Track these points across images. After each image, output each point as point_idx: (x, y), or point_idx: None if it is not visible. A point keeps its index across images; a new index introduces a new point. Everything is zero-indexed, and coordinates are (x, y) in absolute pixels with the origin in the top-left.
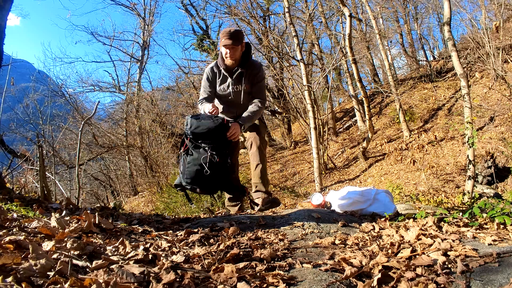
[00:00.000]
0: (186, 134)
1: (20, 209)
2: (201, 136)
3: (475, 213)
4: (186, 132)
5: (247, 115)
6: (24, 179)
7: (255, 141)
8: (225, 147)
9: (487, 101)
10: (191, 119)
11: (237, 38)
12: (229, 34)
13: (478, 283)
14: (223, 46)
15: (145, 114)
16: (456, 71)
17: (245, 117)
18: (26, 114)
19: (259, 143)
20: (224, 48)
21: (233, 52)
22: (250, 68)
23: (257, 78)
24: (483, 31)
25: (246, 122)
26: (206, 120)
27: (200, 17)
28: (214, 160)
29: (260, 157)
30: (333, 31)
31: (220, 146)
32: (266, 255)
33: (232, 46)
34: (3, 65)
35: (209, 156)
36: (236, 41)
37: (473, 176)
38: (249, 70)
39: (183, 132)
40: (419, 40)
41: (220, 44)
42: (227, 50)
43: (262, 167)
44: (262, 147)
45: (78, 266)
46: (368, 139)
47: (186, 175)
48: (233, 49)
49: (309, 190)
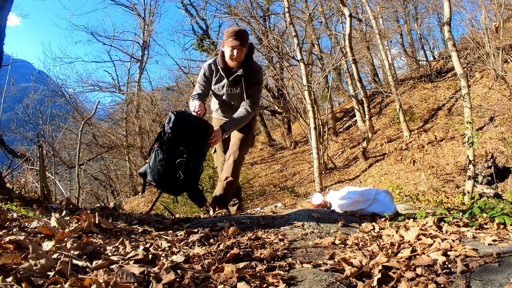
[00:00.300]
0: (165, 130)
1: (20, 209)
2: (181, 136)
3: (475, 213)
4: (166, 129)
5: (232, 121)
6: (24, 179)
7: (234, 154)
8: (202, 153)
9: (487, 101)
10: (174, 116)
11: (244, 38)
12: (236, 34)
13: (478, 283)
14: (229, 47)
15: (145, 114)
16: (456, 71)
17: (229, 123)
18: (26, 114)
19: (237, 157)
20: (231, 49)
21: (240, 53)
22: (249, 70)
23: (254, 80)
24: (483, 31)
25: (229, 128)
26: (190, 119)
27: (200, 17)
28: (188, 165)
29: (232, 171)
30: (333, 31)
31: (197, 150)
32: (266, 255)
33: (240, 47)
34: (3, 65)
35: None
36: (244, 41)
37: (473, 176)
38: (248, 72)
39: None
40: (419, 40)
41: (225, 44)
42: (233, 51)
43: (231, 181)
44: (238, 162)
45: (78, 266)
46: (368, 139)
47: (155, 173)
48: (240, 50)
49: (309, 190)
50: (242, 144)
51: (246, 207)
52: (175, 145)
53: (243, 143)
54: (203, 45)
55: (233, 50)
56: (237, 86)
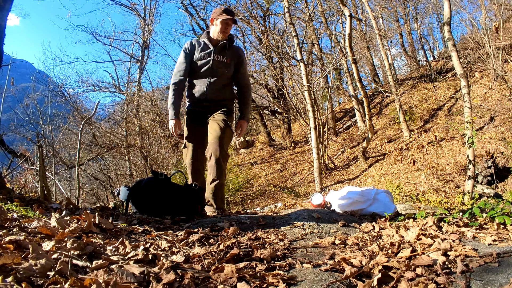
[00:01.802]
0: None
1: (20, 209)
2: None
3: (475, 213)
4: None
5: (246, 108)
6: (24, 179)
7: (215, 153)
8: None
9: (487, 101)
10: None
11: (233, 15)
12: (227, 10)
13: (478, 283)
14: (222, 22)
15: (145, 114)
16: (456, 71)
17: (246, 111)
18: (26, 114)
19: (218, 155)
20: (223, 23)
21: (229, 28)
22: (232, 46)
23: (242, 61)
24: (483, 31)
25: (247, 114)
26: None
27: (200, 17)
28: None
29: (217, 172)
30: (333, 31)
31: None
32: (266, 255)
33: (231, 22)
34: (3, 65)
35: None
36: (234, 17)
37: (473, 176)
38: (232, 47)
39: (182, 132)
40: (419, 40)
41: (217, 19)
42: (225, 25)
43: (218, 183)
44: (221, 160)
45: (78, 266)
46: (368, 139)
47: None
48: (230, 25)
49: (309, 190)
50: (221, 141)
51: (246, 207)
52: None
53: (223, 140)
54: None
55: (226, 24)
56: (222, 54)
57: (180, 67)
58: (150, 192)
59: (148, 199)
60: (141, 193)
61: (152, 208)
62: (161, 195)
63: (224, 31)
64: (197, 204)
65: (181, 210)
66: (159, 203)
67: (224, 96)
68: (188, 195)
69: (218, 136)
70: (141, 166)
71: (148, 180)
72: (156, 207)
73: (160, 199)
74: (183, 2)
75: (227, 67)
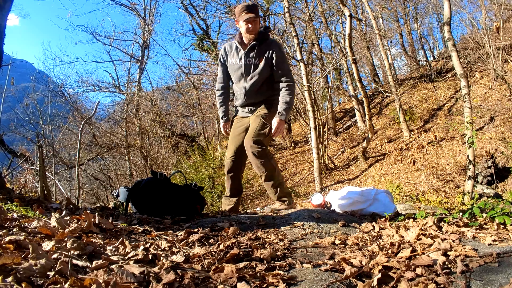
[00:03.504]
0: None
1: (20, 209)
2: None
3: (475, 213)
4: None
5: (281, 106)
6: (24, 179)
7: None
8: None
9: (487, 101)
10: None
11: (257, 10)
12: (248, 7)
13: (478, 283)
14: (244, 21)
15: (145, 114)
16: (456, 71)
17: (281, 109)
18: (26, 114)
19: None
20: (246, 22)
21: (254, 25)
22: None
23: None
24: (483, 31)
25: (286, 112)
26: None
27: (200, 17)
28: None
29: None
30: (333, 31)
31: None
32: (266, 255)
33: (254, 18)
34: (3, 65)
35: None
36: (257, 13)
37: (473, 176)
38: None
39: (182, 132)
40: (419, 40)
41: (239, 20)
42: (248, 25)
43: (267, 175)
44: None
45: (78, 266)
46: (368, 139)
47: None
48: (254, 21)
49: (309, 190)
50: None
51: (246, 207)
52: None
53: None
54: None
55: (248, 23)
56: (254, 56)
57: (219, 76)
58: (149, 193)
59: (148, 199)
60: (140, 193)
61: (152, 208)
62: (161, 195)
63: (249, 31)
64: (196, 204)
65: (181, 210)
66: (159, 204)
67: (265, 97)
68: (187, 195)
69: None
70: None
71: (148, 180)
72: (156, 207)
73: (160, 199)
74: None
75: (260, 68)
